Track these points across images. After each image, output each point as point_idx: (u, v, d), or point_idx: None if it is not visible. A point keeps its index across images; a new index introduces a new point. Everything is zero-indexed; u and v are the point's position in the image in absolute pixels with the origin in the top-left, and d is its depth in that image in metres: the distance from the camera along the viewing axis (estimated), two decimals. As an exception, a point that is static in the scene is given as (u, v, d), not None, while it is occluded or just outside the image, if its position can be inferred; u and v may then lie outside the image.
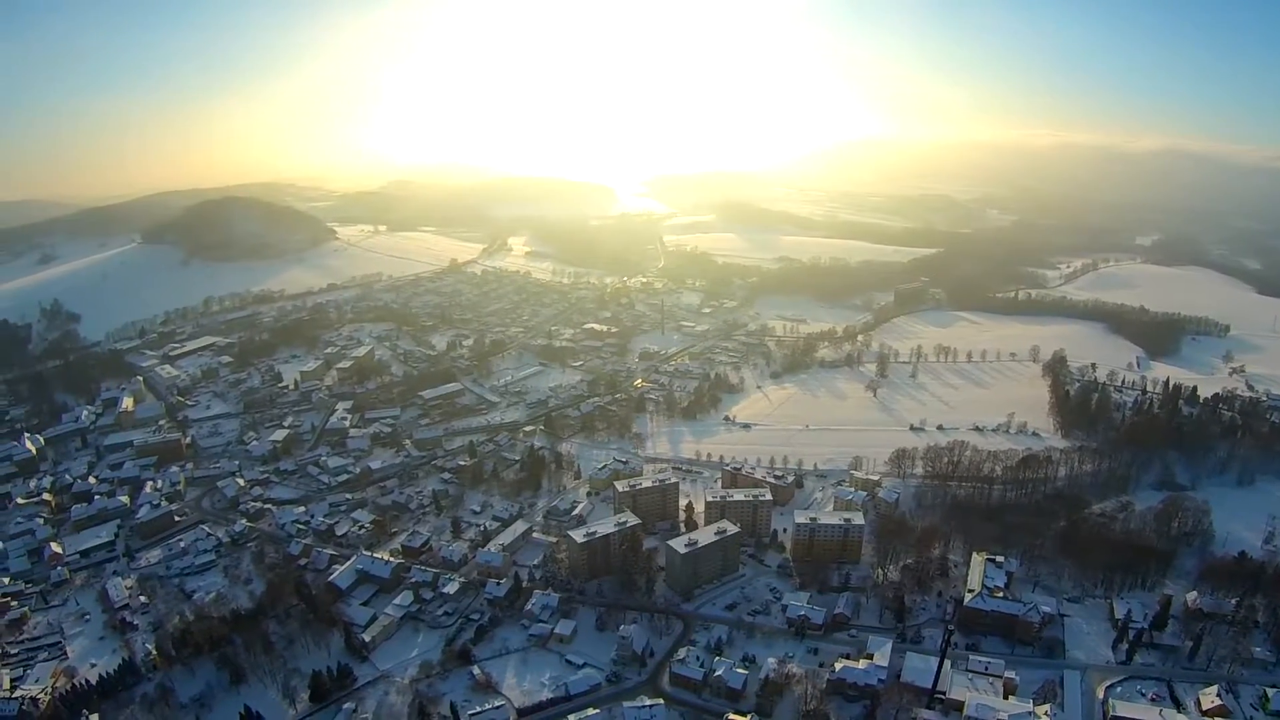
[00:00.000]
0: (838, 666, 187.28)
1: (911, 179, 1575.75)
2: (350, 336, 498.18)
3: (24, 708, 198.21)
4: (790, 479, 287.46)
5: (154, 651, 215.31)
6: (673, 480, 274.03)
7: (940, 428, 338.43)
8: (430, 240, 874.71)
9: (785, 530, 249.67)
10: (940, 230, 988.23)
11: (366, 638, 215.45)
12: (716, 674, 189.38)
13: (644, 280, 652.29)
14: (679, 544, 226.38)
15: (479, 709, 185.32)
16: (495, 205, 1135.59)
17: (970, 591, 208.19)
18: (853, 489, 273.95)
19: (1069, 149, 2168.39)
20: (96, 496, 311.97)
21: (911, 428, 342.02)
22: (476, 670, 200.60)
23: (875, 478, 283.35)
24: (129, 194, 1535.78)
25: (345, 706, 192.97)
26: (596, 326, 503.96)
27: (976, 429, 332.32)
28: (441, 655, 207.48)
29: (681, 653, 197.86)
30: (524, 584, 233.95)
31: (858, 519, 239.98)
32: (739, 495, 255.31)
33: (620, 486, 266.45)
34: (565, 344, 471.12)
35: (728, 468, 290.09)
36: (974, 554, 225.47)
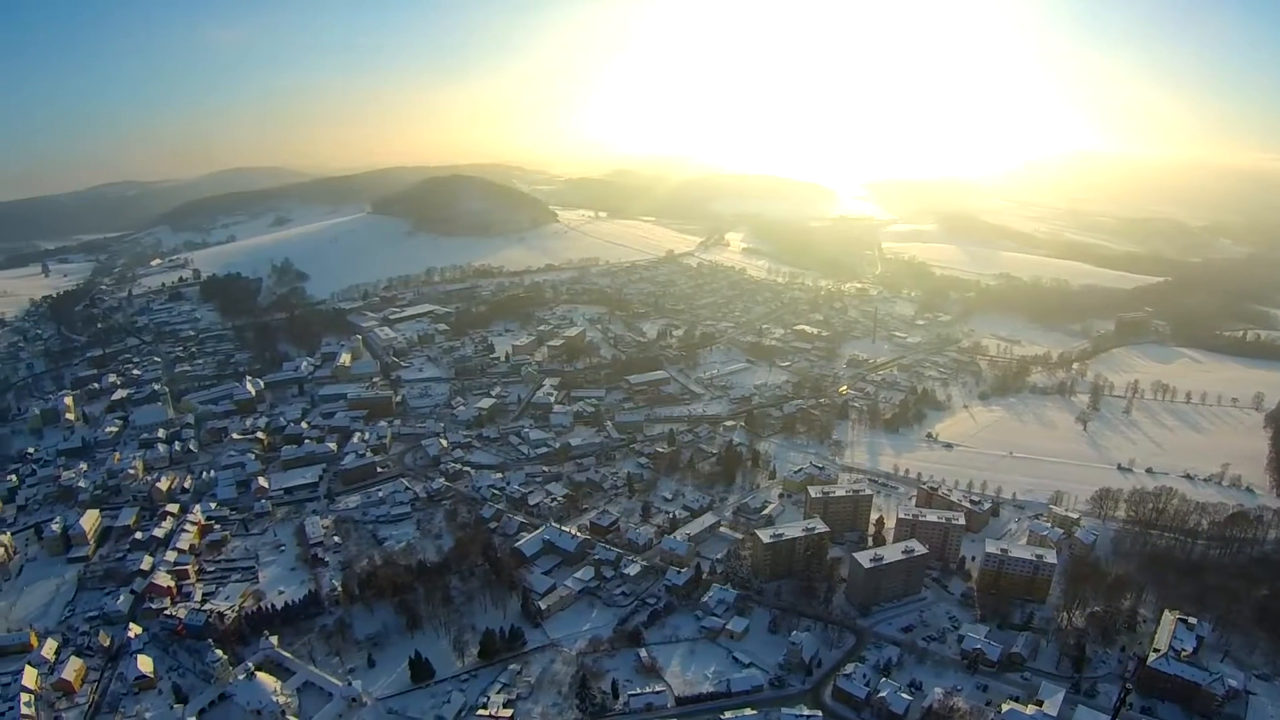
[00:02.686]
0: (1004, 708, 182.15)
1: (1138, 199, 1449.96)
2: (564, 316, 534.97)
3: (210, 620, 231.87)
4: (986, 506, 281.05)
5: (339, 588, 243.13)
6: (867, 492, 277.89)
7: (1149, 471, 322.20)
8: (648, 229, 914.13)
9: (974, 558, 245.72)
10: (1168, 258, 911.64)
11: (543, 605, 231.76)
12: (880, 695, 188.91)
13: (859, 286, 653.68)
14: (864, 557, 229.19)
15: (639, 690, 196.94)
16: (715, 200, 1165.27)
17: (1155, 651, 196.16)
18: (1049, 524, 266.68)
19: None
20: (306, 441, 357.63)
21: (1119, 467, 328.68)
22: (644, 653, 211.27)
23: (1074, 515, 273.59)
24: (360, 167, 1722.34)
25: (511, 667, 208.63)
26: (807, 328, 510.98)
27: (1187, 477, 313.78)
28: (612, 633, 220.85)
29: (849, 668, 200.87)
30: (704, 576, 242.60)
31: (1050, 557, 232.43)
32: (932, 516, 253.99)
33: (813, 492, 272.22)
34: (774, 343, 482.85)
35: (924, 486, 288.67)
36: (1166, 611, 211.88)
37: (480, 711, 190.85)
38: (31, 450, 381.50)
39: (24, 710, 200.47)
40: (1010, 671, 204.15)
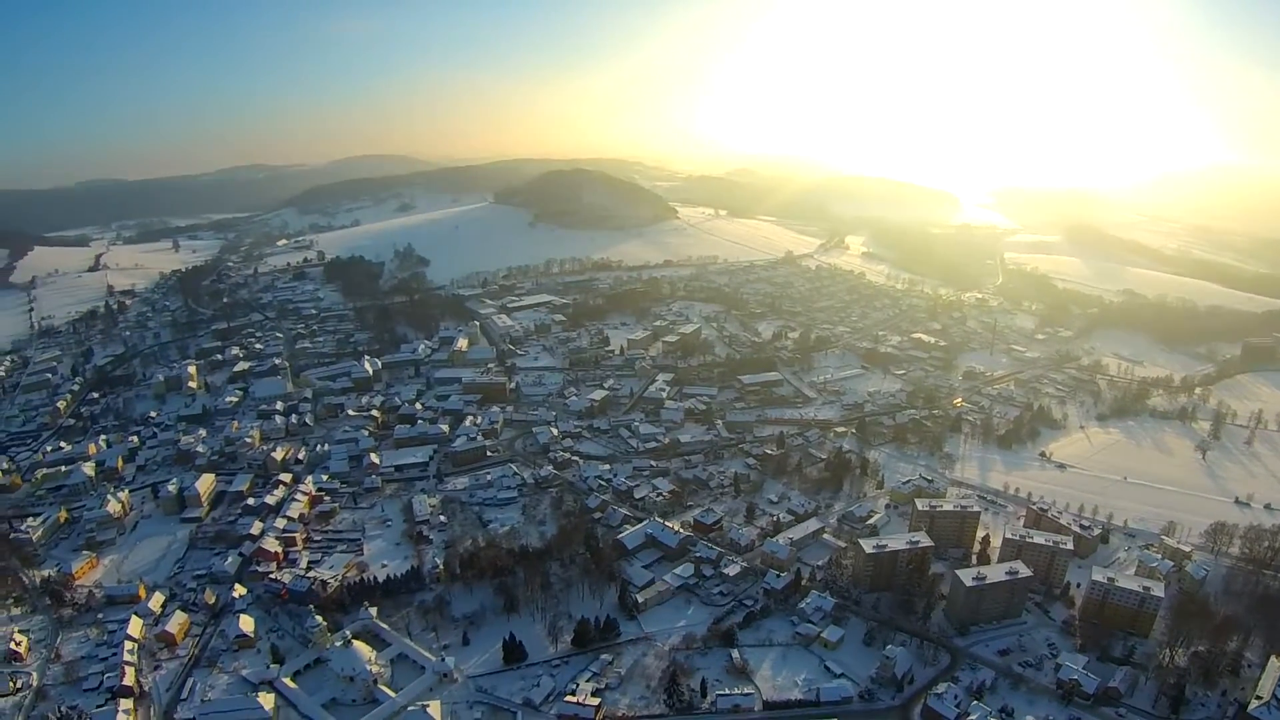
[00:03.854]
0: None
1: (1273, 218, 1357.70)
2: (680, 313, 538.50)
3: (313, 587, 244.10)
4: (1096, 531, 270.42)
5: (441, 566, 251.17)
6: (974, 508, 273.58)
7: (1268, 507, 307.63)
8: (768, 230, 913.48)
9: (1079, 585, 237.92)
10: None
11: (640, 599, 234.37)
12: (970, 718, 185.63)
13: (979, 296, 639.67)
14: (967, 576, 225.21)
15: (728, 691, 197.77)
16: (835, 202, 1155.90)
17: (1258, 699, 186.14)
18: (1159, 556, 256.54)
19: None
20: (420, 421, 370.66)
21: (1236, 500, 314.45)
22: (736, 654, 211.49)
23: (1186, 549, 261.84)
24: (482, 157, 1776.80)
25: (602, 657, 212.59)
26: (924, 337, 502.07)
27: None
28: (706, 631, 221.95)
29: (941, 687, 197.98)
30: (803, 581, 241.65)
31: (1157, 590, 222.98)
32: (1039, 538, 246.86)
33: (920, 505, 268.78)
34: (890, 350, 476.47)
35: (1034, 506, 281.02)
36: (1273, 658, 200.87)
37: (568, 698, 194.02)
38: (154, 414, 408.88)
39: (126, 657, 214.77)
40: (1106, 706, 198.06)
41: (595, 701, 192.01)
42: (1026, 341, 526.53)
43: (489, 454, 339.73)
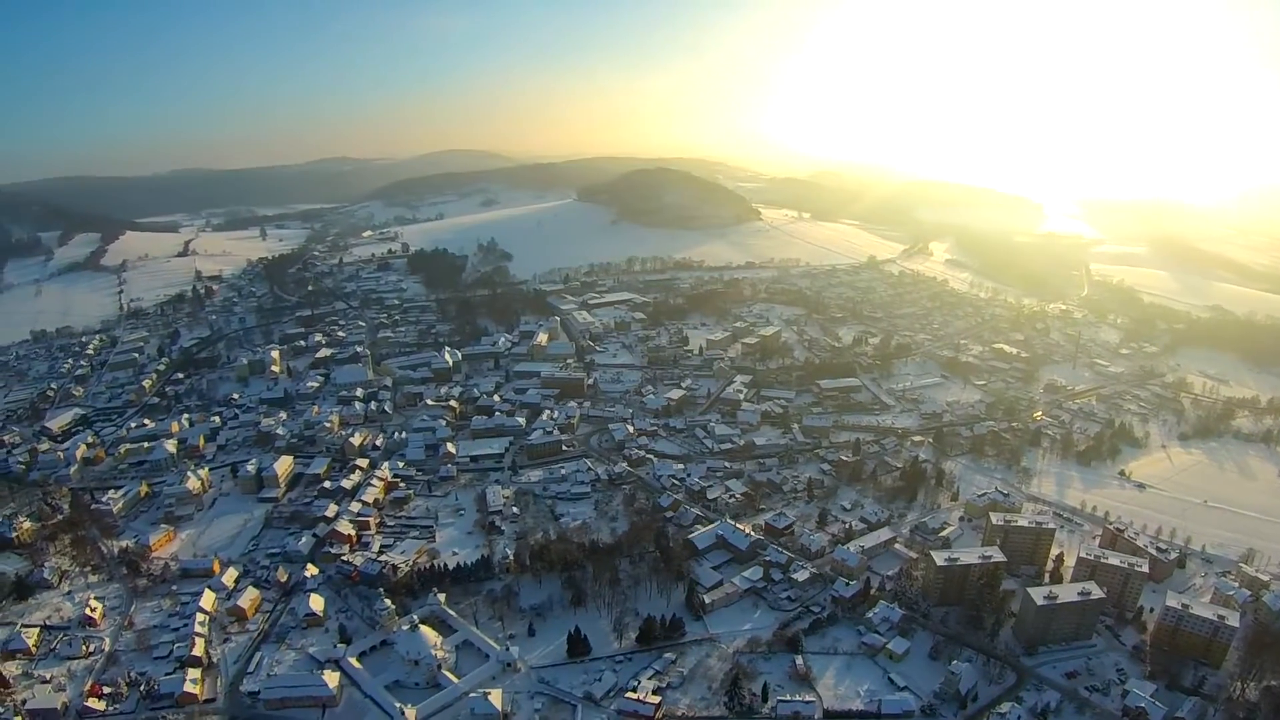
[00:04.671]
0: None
1: None
2: (760, 315, 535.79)
3: (384, 571, 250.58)
4: (1173, 555, 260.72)
5: (511, 557, 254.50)
6: (1050, 525, 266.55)
7: None
8: (851, 234, 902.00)
9: (1152, 610, 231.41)
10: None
11: (707, 599, 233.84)
12: None
13: (1063, 307, 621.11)
14: (1038, 594, 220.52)
15: (789, 697, 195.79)
16: (918, 208, 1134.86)
17: None
18: (1236, 584, 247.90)
19: None
20: (497, 413, 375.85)
21: None
22: (799, 660, 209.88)
23: (1264, 578, 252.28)
24: (564, 155, 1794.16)
25: (666, 656, 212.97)
26: (1006, 348, 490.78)
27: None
28: (772, 636, 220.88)
29: (1005, 707, 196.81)
30: (872, 591, 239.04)
31: (1232, 619, 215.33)
32: (1114, 559, 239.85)
33: (995, 519, 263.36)
34: (971, 360, 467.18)
35: (1110, 526, 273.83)
36: None
37: (629, 694, 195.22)
38: (236, 396, 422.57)
39: (197, 628, 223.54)
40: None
41: (656, 699, 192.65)
42: (1110, 356, 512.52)
43: (564, 448, 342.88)
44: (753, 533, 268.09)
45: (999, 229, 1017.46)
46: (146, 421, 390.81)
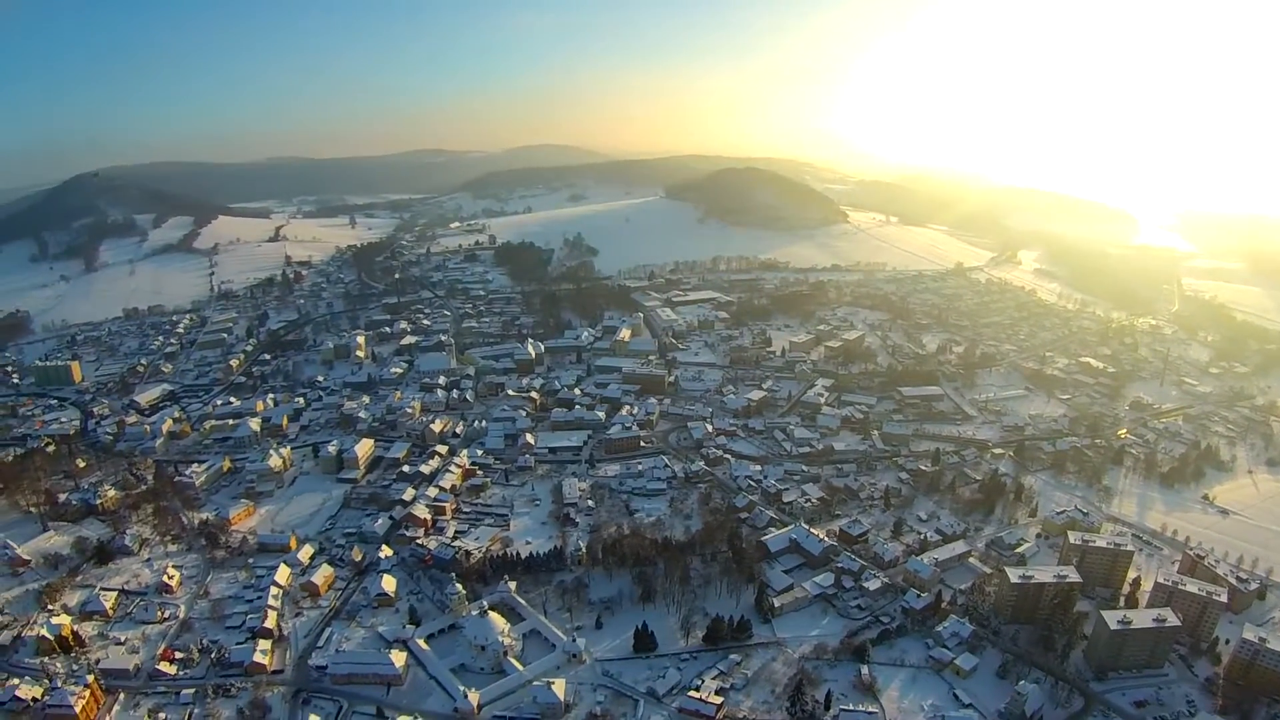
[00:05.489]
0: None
1: None
2: (844, 319, 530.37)
3: (457, 556, 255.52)
4: (1253, 586, 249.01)
5: (583, 549, 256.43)
6: (1128, 547, 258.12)
7: None
8: (938, 239, 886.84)
9: (1227, 641, 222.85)
10: None
11: (777, 603, 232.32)
12: None
13: (1152, 322, 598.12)
14: (1112, 618, 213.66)
15: (852, 707, 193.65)
16: (1008, 215, 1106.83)
17: None
18: None
19: None
20: (577, 406, 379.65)
21: None
22: (865, 669, 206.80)
23: None
24: (652, 152, 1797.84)
25: (731, 657, 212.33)
26: (1092, 362, 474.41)
27: None
28: (839, 643, 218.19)
29: None
30: (943, 604, 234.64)
31: None
32: (1192, 586, 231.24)
33: (1072, 538, 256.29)
34: (1056, 373, 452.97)
35: (1190, 552, 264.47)
36: None
37: (691, 693, 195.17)
38: (321, 379, 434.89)
39: (271, 601, 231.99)
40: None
41: (718, 700, 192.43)
42: (1199, 375, 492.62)
43: (642, 444, 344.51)
44: (826, 538, 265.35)
45: (1090, 239, 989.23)
46: (232, 400, 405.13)
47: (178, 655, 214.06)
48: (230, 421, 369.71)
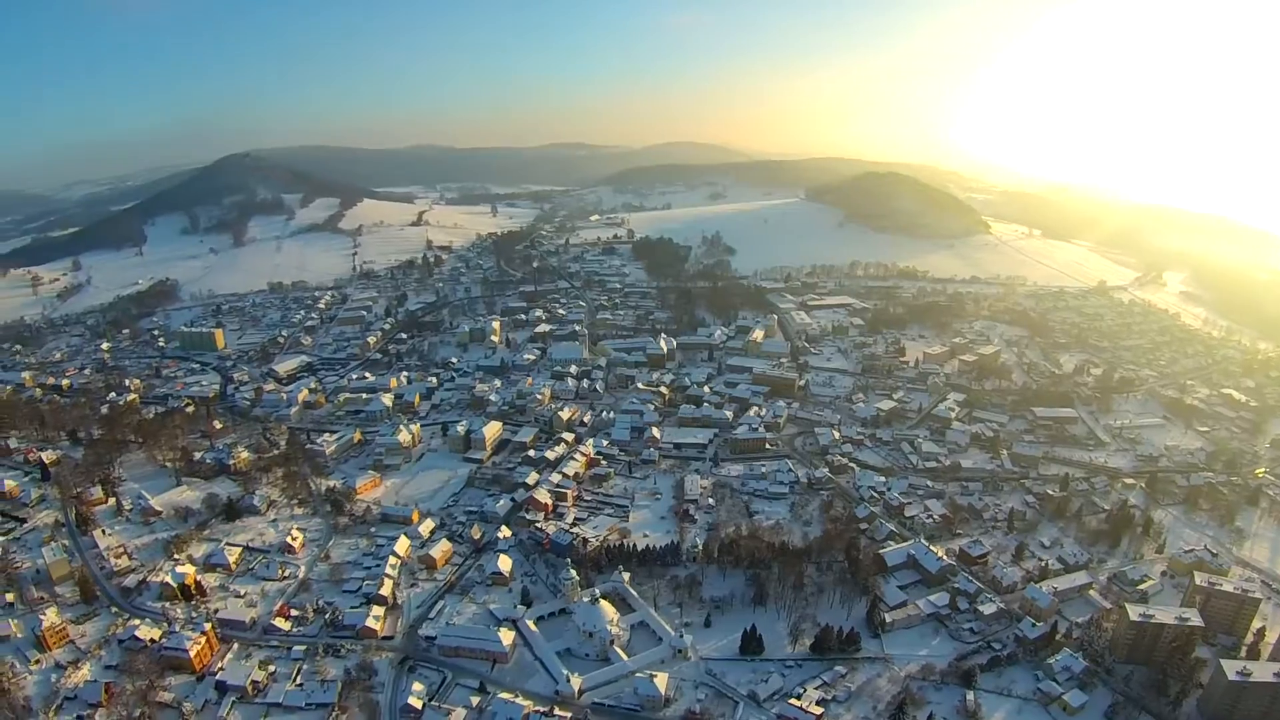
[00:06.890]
0: None
1: None
2: (981, 332, 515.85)
3: (575, 542, 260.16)
4: None
5: (700, 547, 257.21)
6: (1256, 595, 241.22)
7: None
8: (1081, 256, 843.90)
9: None
10: None
11: (888, 618, 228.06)
12: None
13: None
14: (1231, 667, 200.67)
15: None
16: (1154, 233, 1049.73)
17: None
18: None
19: None
20: (706, 404, 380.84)
21: None
22: (971, 696, 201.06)
23: None
24: (793, 153, 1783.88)
25: (837, 668, 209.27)
26: (1234, 394, 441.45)
27: None
28: (947, 666, 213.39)
29: None
30: (1058, 636, 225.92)
31: None
32: None
33: (1199, 579, 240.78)
34: (1196, 403, 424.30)
35: None
36: None
37: (792, 700, 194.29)
38: (455, 361, 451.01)
39: (389, 570, 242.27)
40: None
41: (818, 710, 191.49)
42: None
43: (768, 446, 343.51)
44: (946, 557, 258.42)
45: (1241, 264, 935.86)
46: (367, 375, 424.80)
47: (293, 613, 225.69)
48: (364, 395, 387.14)
